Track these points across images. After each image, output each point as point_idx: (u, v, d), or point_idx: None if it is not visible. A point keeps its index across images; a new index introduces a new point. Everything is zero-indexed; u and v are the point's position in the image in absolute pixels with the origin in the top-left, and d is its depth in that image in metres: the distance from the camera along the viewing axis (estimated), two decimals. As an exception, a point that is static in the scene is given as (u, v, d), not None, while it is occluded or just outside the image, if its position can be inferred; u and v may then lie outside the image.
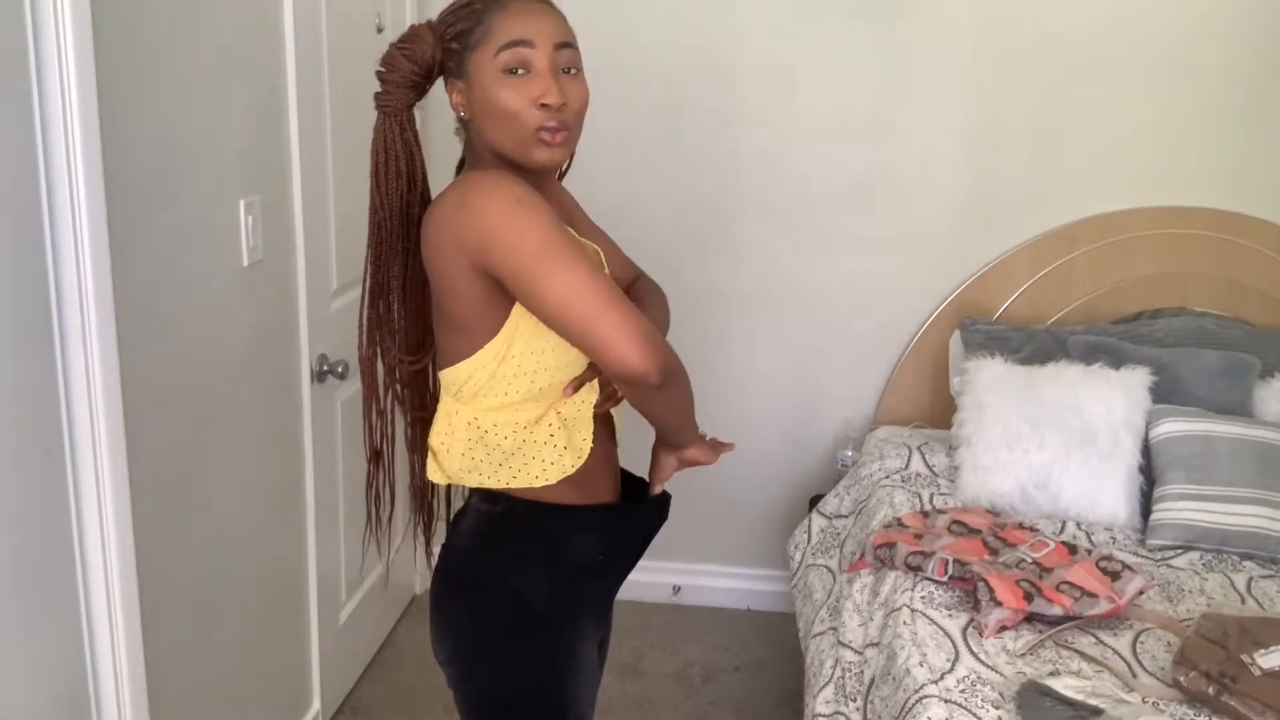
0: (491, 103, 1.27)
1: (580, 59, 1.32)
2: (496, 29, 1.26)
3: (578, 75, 1.30)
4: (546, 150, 1.27)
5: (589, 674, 1.45)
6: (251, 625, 2.09)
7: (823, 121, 2.79)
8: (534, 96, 1.25)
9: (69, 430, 1.48)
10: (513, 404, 1.30)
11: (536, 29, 1.26)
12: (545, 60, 1.26)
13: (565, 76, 1.28)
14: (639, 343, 1.16)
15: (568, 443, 1.31)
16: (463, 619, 1.41)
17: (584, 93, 1.30)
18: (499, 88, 1.26)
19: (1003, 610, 1.84)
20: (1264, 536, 2.20)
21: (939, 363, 2.83)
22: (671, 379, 1.21)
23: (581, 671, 1.42)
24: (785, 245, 2.88)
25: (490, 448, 1.32)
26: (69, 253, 1.44)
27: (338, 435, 2.42)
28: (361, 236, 1.43)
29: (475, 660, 1.41)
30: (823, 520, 2.63)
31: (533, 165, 1.29)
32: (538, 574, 1.38)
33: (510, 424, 1.31)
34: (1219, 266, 2.74)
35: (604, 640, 1.58)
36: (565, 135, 1.27)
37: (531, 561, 1.38)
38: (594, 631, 1.45)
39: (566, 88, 1.27)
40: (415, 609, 3.06)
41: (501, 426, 1.31)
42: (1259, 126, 2.69)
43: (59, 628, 1.51)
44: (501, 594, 1.39)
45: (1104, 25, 2.66)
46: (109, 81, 1.48)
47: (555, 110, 1.25)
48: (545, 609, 1.39)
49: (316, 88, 2.18)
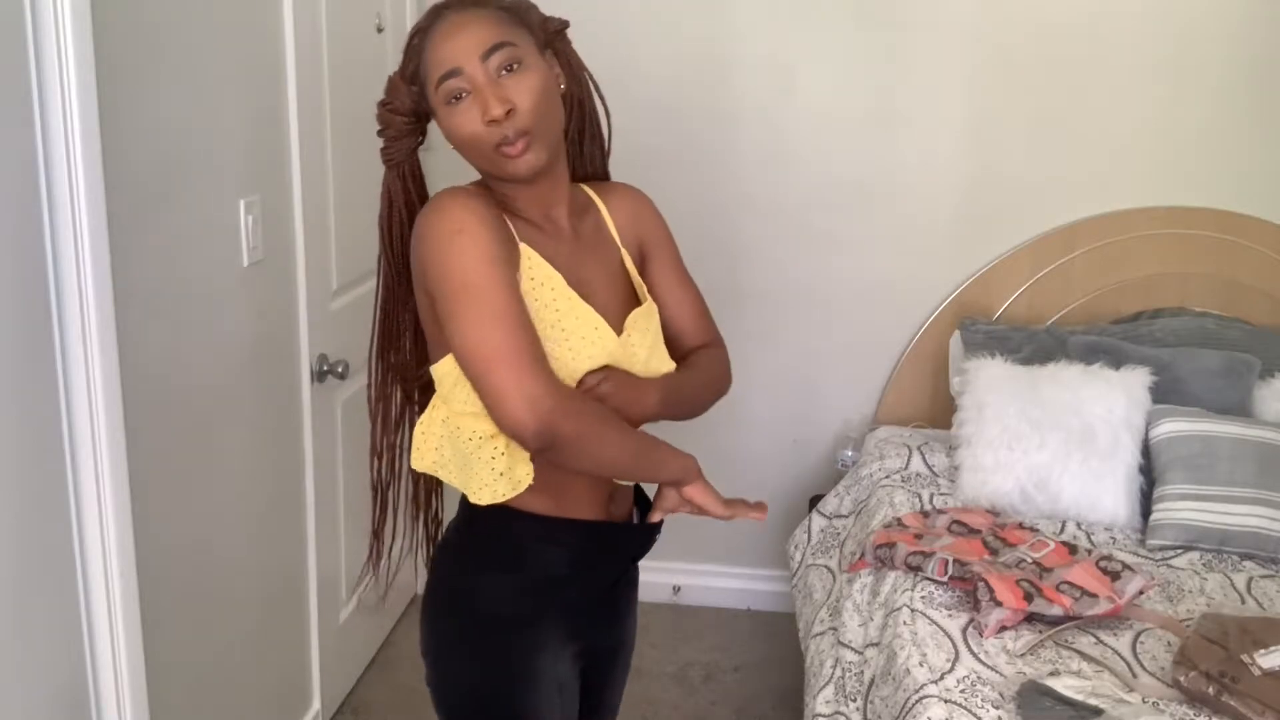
0: (452, 134, 1.27)
1: (520, 50, 1.25)
2: (429, 63, 1.26)
3: (520, 69, 1.24)
4: (514, 162, 1.25)
5: (551, 688, 1.38)
6: (251, 625, 2.09)
7: (822, 121, 2.79)
8: (479, 117, 1.23)
9: (69, 430, 1.48)
10: (475, 413, 1.27)
11: (458, 50, 1.23)
12: (477, 78, 1.23)
13: (506, 77, 1.23)
14: (519, 406, 1.16)
15: (506, 469, 1.27)
16: (432, 615, 1.42)
17: (532, 83, 1.24)
18: (449, 119, 1.26)
19: (1003, 610, 1.84)
20: (1264, 536, 2.20)
21: (939, 363, 2.83)
22: (558, 444, 1.20)
23: (539, 684, 1.37)
24: (785, 245, 2.88)
25: (455, 449, 1.31)
26: (69, 253, 1.44)
27: (338, 435, 2.42)
28: (362, 236, 1.43)
29: (436, 658, 1.41)
30: (823, 520, 2.63)
31: (515, 179, 1.27)
32: (496, 579, 1.37)
33: (471, 430, 1.28)
34: (1219, 266, 2.74)
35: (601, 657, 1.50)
36: (526, 140, 1.24)
37: (492, 566, 1.37)
38: (561, 646, 1.39)
39: (509, 89, 1.23)
40: (415, 609, 3.06)
41: (464, 430, 1.29)
42: (1259, 126, 2.69)
43: (59, 628, 1.50)
44: (461, 594, 1.39)
45: (1104, 25, 2.66)
46: (109, 81, 1.48)
47: (503, 121, 1.22)
48: (501, 614, 1.37)
49: (316, 87, 2.18)
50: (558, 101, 1.30)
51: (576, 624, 1.41)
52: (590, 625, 1.44)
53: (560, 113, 1.31)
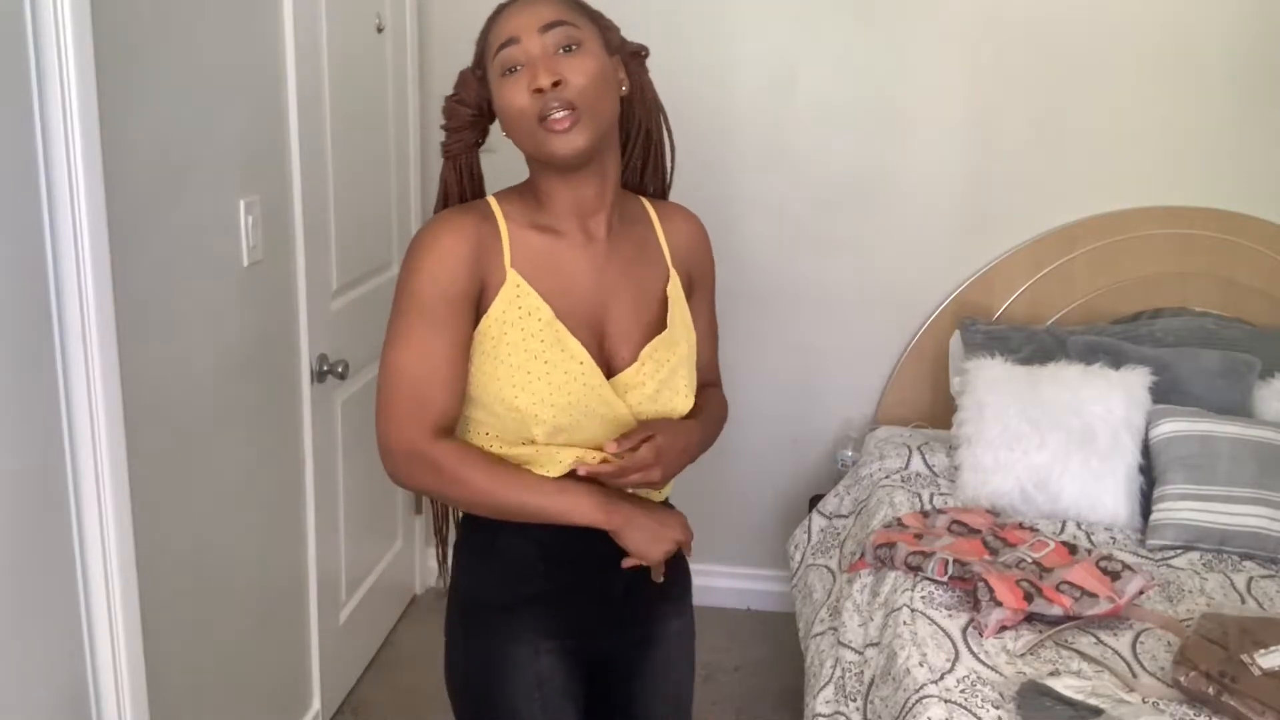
0: (502, 109, 1.26)
1: (582, 34, 1.25)
2: (492, 37, 1.27)
3: (579, 50, 1.24)
4: (558, 139, 1.22)
5: (528, 679, 1.36)
6: (251, 625, 2.09)
7: (822, 121, 2.79)
8: (528, 86, 1.22)
9: (69, 431, 1.48)
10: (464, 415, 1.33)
11: (520, 23, 1.24)
12: (533, 50, 1.23)
13: (562, 56, 1.23)
14: (381, 440, 1.26)
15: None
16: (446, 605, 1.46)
17: (588, 65, 1.23)
18: (501, 90, 1.25)
19: (1003, 610, 1.84)
20: (1264, 536, 2.20)
21: (939, 363, 2.83)
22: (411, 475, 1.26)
23: (515, 674, 1.36)
24: (785, 245, 2.88)
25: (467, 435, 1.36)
26: (69, 253, 1.44)
27: (338, 435, 2.42)
28: (362, 237, 1.43)
29: (445, 645, 1.46)
30: (823, 520, 2.63)
31: (555, 161, 1.25)
32: (476, 565, 1.40)
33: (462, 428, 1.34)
34: (1219, 266, 2.74)
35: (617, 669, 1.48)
36: (572, 116, 1.22)
37: (475, 552, 1.40)
38: (541, 639, 1.37)
39: (562, 65, 1.22)
40: (415, 609, 3.06)
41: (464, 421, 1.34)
42: (1259, 126, 2.69)
43: (59, 628, 1.50)
44: (455, 582, 1.43)
45: (1104, 25, 2.66)
46: (109, 81, 1.48)
47: (550, 92, 1.21)
48: (480, 599, 1.39)
49: (316, 88, 2.18)
50: (613, 95, 1.28)
51: (561, 622, 1.38)
52: (588, 630, 1.41)
53: (614, 108, 1.29)
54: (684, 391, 1.35)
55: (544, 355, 1.26)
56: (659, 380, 1.33)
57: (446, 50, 2.81)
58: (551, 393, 1.26)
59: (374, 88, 2.51)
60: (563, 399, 1.26)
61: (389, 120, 2.61)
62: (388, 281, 2.69)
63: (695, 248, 1.45)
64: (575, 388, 1.27)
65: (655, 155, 1.43)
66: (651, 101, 1.40)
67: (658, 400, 1.33)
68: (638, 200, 1.42)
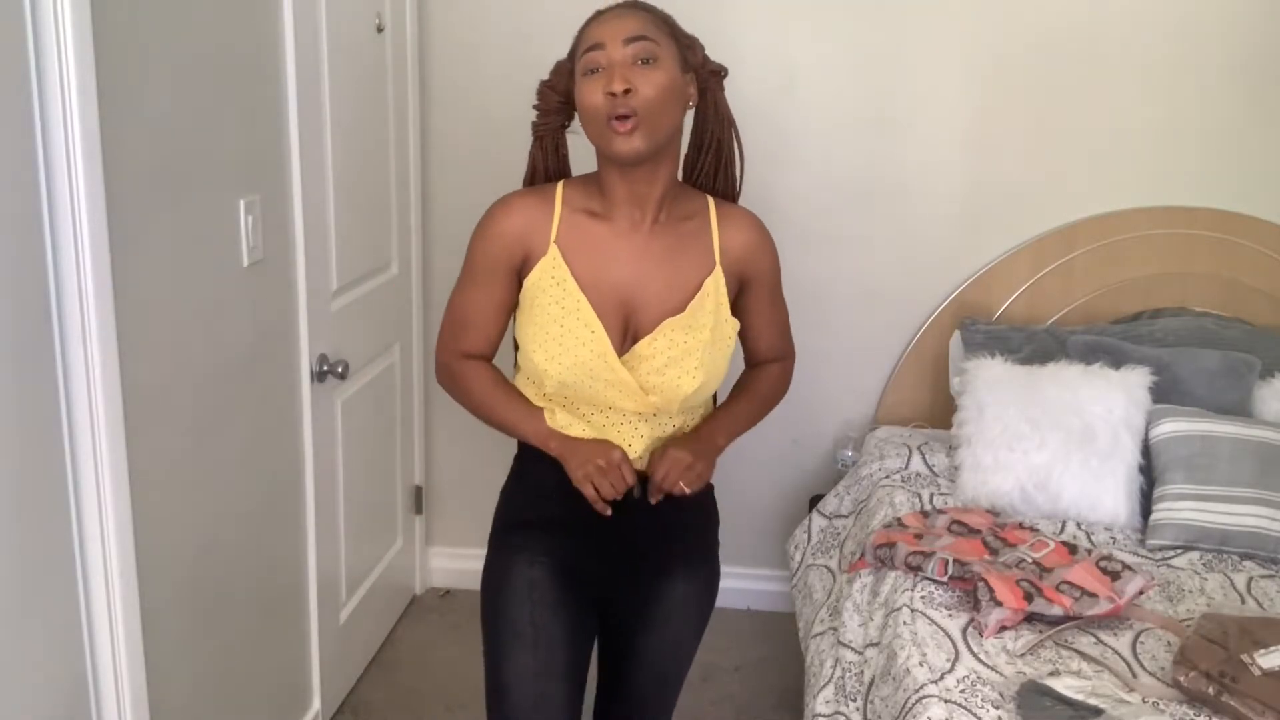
0: (580, 104, 1.44)
1: (660, 50, 1.42)
2: (581, 41, 1.45)
3: (654, 64, 1.41)
4: (620, 139, 1.40)
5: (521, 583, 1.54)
6: (251, 625, 2.09)
7: (822, 121, 2.79)
8: (604, 88, 1.39)
9: (69, 430, 1.48)
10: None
11: (608, 31, 1.41)
12: (614, 56, 1.40)
13: (638, 67, 1.40)
14: (437, 343, 1.61)
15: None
16: None
17: (659, 79, 1.40)
18: (580, 88, 1.43)
19: (1003, 610, 1.84)
20: (1264, 536, 2.20)
21: (939, 363, 2.83)
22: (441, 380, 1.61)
23: (513, 583, 1.55)
24: (785, 245, 2.83)
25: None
26: (69, 253, 1.44)
27: (337, 435, 2.42)
28: (362, 236, 1.44)
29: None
30: (823, 520, 2.63)
31: (615, 157, 1.43)
32: (510, 490, 1.64)
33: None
34: (1219, 266, 2.74)
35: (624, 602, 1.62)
36: (634, 122, 1.39)
37: (511, 479, 1.65)
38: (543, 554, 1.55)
39: (636, 76, 1.39)
40: (415, 609, 3.06)
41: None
42: (1259, 126, 2.70)
43: (59, 628, 1.51)
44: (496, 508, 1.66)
45: (1104, 25, 2.66)
46: (109, 81, 1.48)
47: (620, 97, 1.38)
48: (504, 518, 1.63)
49: (316, 88, 2.18)
50: (678, 109, 1.46)
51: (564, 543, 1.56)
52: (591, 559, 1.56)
53: (677, 120, 1.47)
54: (693, 373, 1.48)
55: (563, 320, 1.46)
56: (669, 357, 1.48)
57: (446, 50, 2.81)
58: (563, 353, 1.46)
59: (374, 88, 2.51)
60: (570, 359, 1.46)
61: (389, 120, 2.61)
62: (388, 281, 2.69)
63: (752, 250, 1.59)
64: (584, 353, 1.45)
65: (725, 164, 1.61)
66: (724, 116, 1.57)
67: (665, 374, 1.48)
68: (704, 200, 1.58)
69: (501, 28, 2.78)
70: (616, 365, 1.46)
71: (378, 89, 2.54)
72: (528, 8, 2.72)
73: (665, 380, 1.47)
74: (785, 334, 1.71)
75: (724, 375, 1.55)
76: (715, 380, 1.52)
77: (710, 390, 1.54)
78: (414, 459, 3.02)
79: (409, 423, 2.94)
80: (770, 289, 1.64)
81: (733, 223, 1.57)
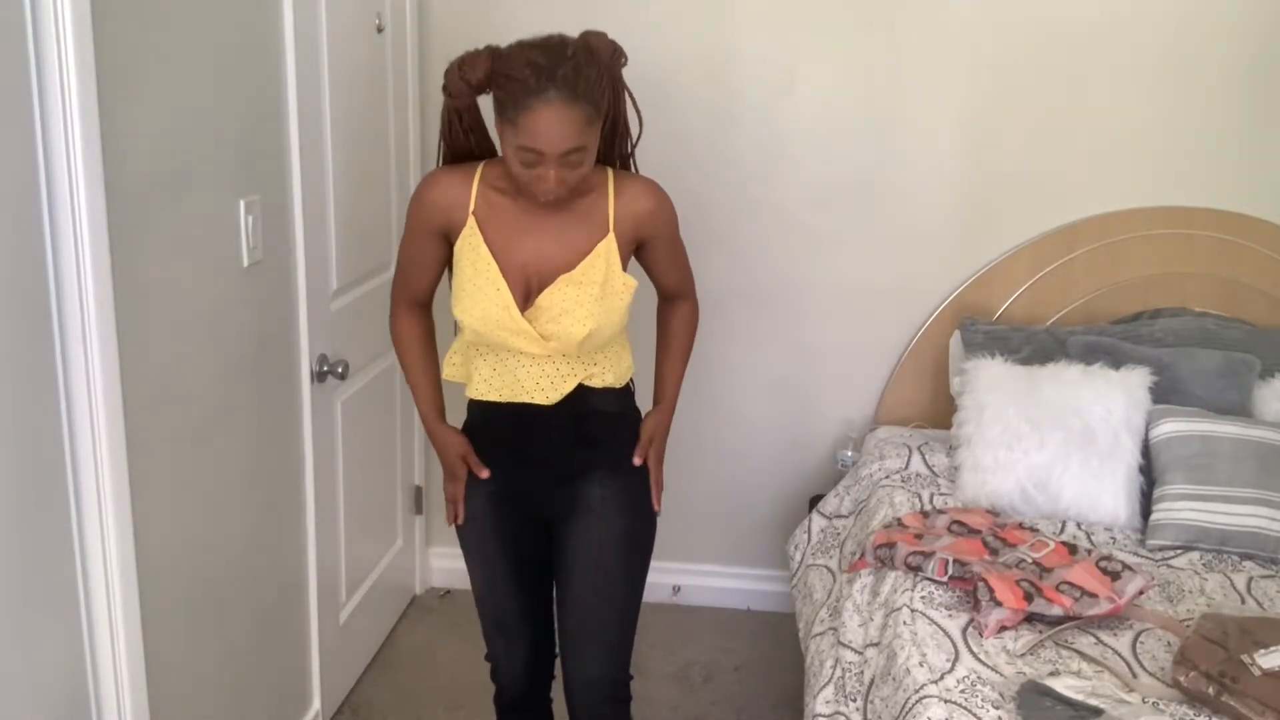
0: (507, 160, 1.63)
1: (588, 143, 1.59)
2: (522, 126, 1.55)
3: (581, 155, 1.59)
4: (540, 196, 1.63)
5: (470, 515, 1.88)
6: (251, 625, 2.09)
7: (822, 121, 2.78)
8: (536, 177, 1.59)
9: (69, 430, 1.48)
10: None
11: (549, 141, 1.54)
12: (551, 159, 1.57)
13: (569, 160, 1.58)
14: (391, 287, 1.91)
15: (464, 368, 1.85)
16: None
17: (585, 168, 1.62)
18: (513, 161, 1.61)
19: (1003, 610, 1.84)
20: (1264, 536, 2.20)
21: (939, 363, 2.83)
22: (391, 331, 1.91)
23: (472, 518, 1.88)
24: (785, 245, 2.88)
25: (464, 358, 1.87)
26: (69, 253, 1.44)
27: (337, 435, 2.42)
28: (362, 237, 1.44)
29: None
30: (823, 520, 2.63)
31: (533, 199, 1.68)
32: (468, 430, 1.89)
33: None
34: (1219, 266, 2.74)
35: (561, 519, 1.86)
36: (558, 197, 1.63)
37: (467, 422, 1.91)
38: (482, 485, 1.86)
39: (567, 172, 1.60)
40: (415, 609, 3.06)
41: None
42: (1259, 126, 2.69)
43: (59, 628, 1.51)
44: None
45: (1104, 24, 2.66)
46: (109, 81, 1.48)
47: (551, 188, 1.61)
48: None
49: (316, 88, 2.18)
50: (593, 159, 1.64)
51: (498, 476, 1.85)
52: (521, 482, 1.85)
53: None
54: (584, 321, 1.70)
55: (475, 280, 1.71)
56: (562, 308, 1.70)
57: (446, 50, 2.77)
58: (473, 306, 1.70)
59: (374, 88, 2.51)
60: (479, 311, 1.70)
61: (389, 120, 2.61)
62: (388, 281, 2.68)
63: (645, 216, 1.77)
64: (491, 307, 1.70)
65: (620, 137, 1.79)
66: (620, 94, 1.73)
67: (559, 323, 1.70)
68: (603, 173, 1.76)
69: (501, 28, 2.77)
70: (517, 316, 1.69)
71: (378, 89, 2.54)
72: (527, 8, 2.71)
73: (560, 328, 1.70)
74: (686, 276, 1.94)
75: (618, 326, 1.76)
76: (608, 329, 1.73)
77: (603, 337, 1.74)
78: (414, 459, 3.02)
79: (409, 423, 2.94)
80: (668, 242, 1.84)
81: (628, 193, 1.75)
